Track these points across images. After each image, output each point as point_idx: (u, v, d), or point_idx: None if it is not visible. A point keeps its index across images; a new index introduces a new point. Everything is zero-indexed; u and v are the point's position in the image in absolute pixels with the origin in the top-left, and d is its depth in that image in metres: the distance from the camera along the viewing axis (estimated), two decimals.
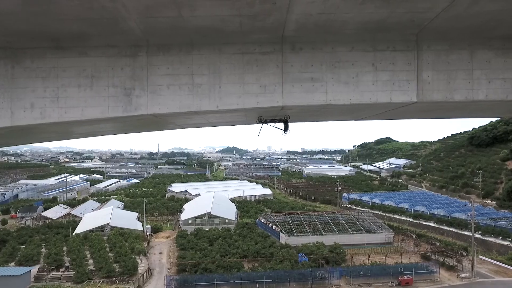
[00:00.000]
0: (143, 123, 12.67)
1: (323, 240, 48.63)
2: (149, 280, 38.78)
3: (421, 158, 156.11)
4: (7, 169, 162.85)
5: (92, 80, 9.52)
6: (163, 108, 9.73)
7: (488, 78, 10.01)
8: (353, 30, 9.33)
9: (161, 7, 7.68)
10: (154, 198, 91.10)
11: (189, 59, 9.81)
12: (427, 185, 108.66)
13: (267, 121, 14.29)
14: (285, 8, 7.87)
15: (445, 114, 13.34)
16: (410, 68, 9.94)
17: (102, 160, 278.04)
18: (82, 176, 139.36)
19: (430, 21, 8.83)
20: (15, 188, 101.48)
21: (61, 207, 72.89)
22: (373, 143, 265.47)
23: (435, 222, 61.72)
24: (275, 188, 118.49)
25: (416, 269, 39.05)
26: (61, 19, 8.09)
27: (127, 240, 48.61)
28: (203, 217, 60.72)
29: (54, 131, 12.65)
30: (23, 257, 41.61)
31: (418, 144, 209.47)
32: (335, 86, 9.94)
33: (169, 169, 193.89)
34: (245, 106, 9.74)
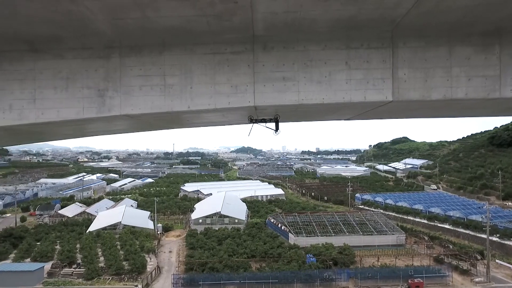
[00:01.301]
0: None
1: (333, 241, 48.07)
2: (158, 278, 39.34)
3: (439, 158, 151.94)
4: (29, 168, 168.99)
5: (67, 81, 9.75)
6: (135, 109, 9.84)
7: (468, 76, 9.59)
8: (325, 28, 9.13)
9: (124, 8, 7.78)
10: (167, 197, 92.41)
11: (161, 60, 9.87)
12: (444, 186, 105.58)
13: (258, 120, 14.23)
14: (248, 6, 7.80)
15: (429, 113, 12.87)
16: (385, 66, 9.65)
17: (119, 159, 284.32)
18: (99, 176, 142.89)
19: (402, 18, 8.52)
20: (35, 187, 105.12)
21: (77, 205, 74.92)
22: (389, 143, 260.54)
23: (450, 224, 59.89)
24: (288, 188, 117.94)
25: (427, 272, 38.03)
26: (30, 22, 8.23)
27: (137, 238, 49.49)
28: (213, 217, 61.08)
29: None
30: (38, 253, 43.03)
31: (436, 144, 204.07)
32: (307, 85, 9.77)
33: (183, 168, 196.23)
34: (216, 106, 9.73)
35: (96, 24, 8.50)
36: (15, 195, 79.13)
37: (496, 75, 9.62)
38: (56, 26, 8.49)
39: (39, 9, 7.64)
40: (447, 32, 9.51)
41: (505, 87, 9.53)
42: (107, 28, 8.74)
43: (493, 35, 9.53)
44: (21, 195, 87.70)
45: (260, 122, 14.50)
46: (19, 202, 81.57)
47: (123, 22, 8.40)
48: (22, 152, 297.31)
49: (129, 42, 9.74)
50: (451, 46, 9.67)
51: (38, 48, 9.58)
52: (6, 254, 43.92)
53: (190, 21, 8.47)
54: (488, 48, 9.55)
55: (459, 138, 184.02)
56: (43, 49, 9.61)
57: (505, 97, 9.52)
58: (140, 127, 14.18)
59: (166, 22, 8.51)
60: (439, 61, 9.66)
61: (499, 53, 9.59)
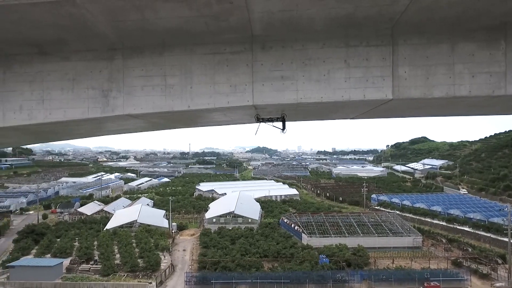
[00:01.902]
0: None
1: (346, 242, 47.49)
2: (171, 276, 39.94)
3: (460, 158, 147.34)
4: (51, 168, 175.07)
5: (73, 83, 10.09)
6: (137, 109, 10.08)
7: (471, 73, 9.26)
8: (323, 27, 9.03)
9: (124, 10, 7.98)
10: (182, 196, 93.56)
11: (161, 60, 10.05)
12: (465, 187, 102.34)
13: (265, 120, 14.25)
14: (243, 6, 7.84)
15: (434, 112, 12.47)
16: (385, 63, 9.45)
17: (136, 159, 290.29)
18: (117, 175, 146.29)
19: (401, 14, 8.32)
20: (57, 185, 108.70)
21: (95, 203, 76.99)
22: (407, 143, 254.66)
23: (470, 227, 58.05)
24: (302, 189, 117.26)
25: (444, 276, 37.02)
26: (37, 26, 8.61)
27: (152, 236, 50.39)
28: (227, 216, 61.46)
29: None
30: (58, 249, 44.50)
31: (457, 144, 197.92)
32: (305, 84, 9.70)
33: (199, 168, 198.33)
34: (216, 106, 9.82)
35: (98, 27, 8.77)
36: (38, 193, 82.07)
37: (502, 72, 9.27)
38: (61, 29, 8.83)
39: (43, 13, 7.97)
40: (449, 28, 9.24)
41: (511, 84, 9.14)
42: (109, 30, 9.00)
43: (498, 30, 9.18)
44: (43, 193, 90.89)
45: (267, 121, 14.51)
46: (42, 200, 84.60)
47: (123, 24, 8.64)
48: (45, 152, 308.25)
49: (131, 43, 9.98)
50: (453, 42, 9.37)
51: (46, 51, 9.98)
52: (29, 250, 45.65)
53: (189, 22, 8.61)
54: (493, 43, 9.21)
55: (481, 138, 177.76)
56: (51, 52, 10.00)
57: (511, 94, 9.18)
58: (146, 127, 14.48)
59: (165, 23, 8.68)
60: (441, 58, 9.39)
61: (504, 49, 9.22)
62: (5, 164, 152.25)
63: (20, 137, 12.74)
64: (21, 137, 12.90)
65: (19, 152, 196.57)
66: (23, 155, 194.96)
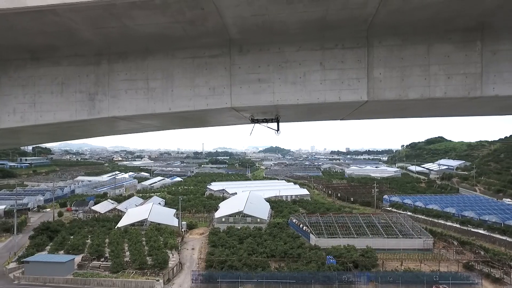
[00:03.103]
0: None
1: (355, 243, 47.10)
2: (179, 274, 40.58)
3: (478, 159, 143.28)
4: (69, 167, 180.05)
5: (62, 86, 10.55)
6: (121, 111, 10.45)
7: (447, 74, 9.12)
8: (298, 30, 9.10)
9: (103, 18, 8.31)
10: (193, 196, 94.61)
11: (144, 64, 10.37)
12: (482, 188, 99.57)
13: (259, 121, 14.43)
14: (215, 12, 8.03)
15: (417, 113, 12.27)
16: (360, 65, 9.46)
17: (151, 159, 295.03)
18: (131, 174, 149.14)
19: (373, 17, 8.31)
20: (73, 184, 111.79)
21: (109, 202, 78.79)
22: (423, 142, 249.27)
23: (485, 230, 56.48)
24: (314, 189, 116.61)
25: (454, 279, 36.24)
26: (27, 33, 9.09)
27: (162, 235, 51.24)
28: (236, 216, 61.85)
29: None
30: (71, 246, 45.87)
31: (475, 144, 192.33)
32: (282, 86, 9.79)
33: (211, 168, 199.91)
34: (195, 108, 10.06)
35: (83, 33, 9.17)
36: (54, 191, 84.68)
37: (478, 73, 9.12)
38: (50, 36, 9.29)
39: (30, 22, 8.41)
40: (425, 30, 9.16)
41: (487, 85, 9.00)
42: (94, 36, 9.39)
43: (475, 31, 9.03)
44: (60, 192, 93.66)
45: (261, 122, 14.69)
46: (58, 198, 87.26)
47: (106, 31, 9.00)
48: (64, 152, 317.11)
49: (117, 49, 10.36)
50: (429, 43, 9.28)
51: (39, 56, 10.49)
52: (43, 246, 47.25)
53: (167, 28, 8.89)
54: (469, 44, 9.06)
55: (501, 138, 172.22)
56: (43, 57, 10.50)
57: (487, 96, 8.99)
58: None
59: (144, 29, 8.97)
60: (417, 60, 9.31)
61: (480, 50, 9.07)
62: (25, 163, 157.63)
63: (18, 138, 13.39)
64: (19, 138, 13.54)
65: (39, 151, 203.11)
66: (42, 154, 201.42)
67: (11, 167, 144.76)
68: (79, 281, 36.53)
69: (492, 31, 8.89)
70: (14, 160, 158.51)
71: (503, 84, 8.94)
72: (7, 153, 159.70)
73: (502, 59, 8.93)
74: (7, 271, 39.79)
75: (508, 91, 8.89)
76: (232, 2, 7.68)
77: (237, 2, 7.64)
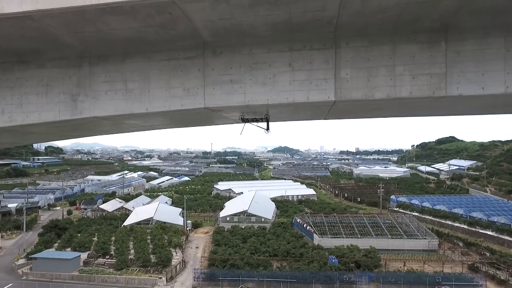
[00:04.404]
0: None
1: (358, 243, 46.91)
2: (182, 272, 41.10)
3: (490, 159, 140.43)
4: (79, 166, 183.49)
5: (47, 88, 11.01)
6: (101, 112, 10.85)
7: (412, 74, 9.18)
8: (268, 32, 9.30)
9: (79, 23, 8.68)
10: (200, 195, 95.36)
11: (123, 67, 10.75)
12: (492, 189, 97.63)
13: (249, 120, 14.66)
14: (183, 16, 8.29)
15: (384, 114, 12.28)
16: (328, 66, 9.59)
17: (160, 158, 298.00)
18: (140, 173, 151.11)
19: (337, 19, 8.45)
20: (83, 183, 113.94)
21: (117, 201, 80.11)
22: (434, 142, 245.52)
23: (494, 231, 55.49)
24: (321, 189, 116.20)
25: (457, 280, 35.79)
26: (11, 38, 9.58)
27: (167, 233, 51.93)
28: (241, 215, 62.17)
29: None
30: (77, 243, 46.90)
31: (487, 144, 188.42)
32: (253, 87, 10.02)
33: (219, 167, 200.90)
34: (171, 108, 10.38)
35: (63, 37, 9.59)
36: (63, 190, 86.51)
37: (442, 73, 9.17)
38: (33, 41, 9.77)
39: (11, 27, 8.86)
40: (391, 31, 9.23)
41: (451, 85, 9.02)
42: (73, 40, 9.80)
43: (439, 32, 9.07)
44: (69, 191, 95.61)
45: (251, 122, 14.92)
46: (68, 197, 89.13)
47: (84, 35, 9.40)
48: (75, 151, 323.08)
49: (97, 52, 10.77)
50: (395, 44, 9.36)
51: (25, 59, 10.99)
52: (51, 243, 48.42)
53: (140, 32, 9.23)
54: (434, 45, 9.10)
55: None
56: (29, 60, 10.99)
57: (451, 95, 9.01)
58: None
59: (120, 33, 9.33)
60: (383, 60, 9.41)
61: (445, 50, 9.11)
62: (37, 163, 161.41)
63: (11, 137, 13.97)
64: (12, 137, 14.12)
65: (51, 151, 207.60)
66: (54, 154, 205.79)
67: (24, 166, 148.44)
68: (84, 278, 37.40)
69: (456, 31, 8.95)
70: (27, 160, 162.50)
71: (466, 84, 8.98)
72: (20, 152, 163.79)
73: (466, 59, 8.97)
74: (16, 267, 40.99)
75: (471, 90, 8.93)
76: (197, 7, 7.96)
77: (201, 6, 7.91)
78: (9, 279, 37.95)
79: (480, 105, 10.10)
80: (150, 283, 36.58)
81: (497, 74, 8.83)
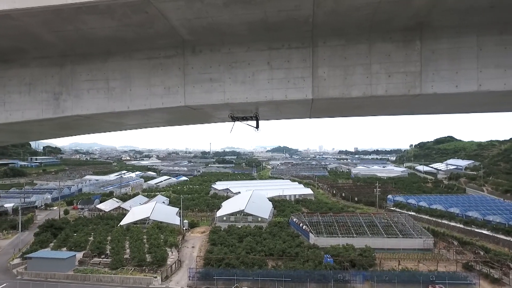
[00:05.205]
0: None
1: (354, 242, 47.00)
2: (177, 272, 41.14)
3: (487, 159, 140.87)
4: (77, 166, 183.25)
5: (29, 87, 11.10)
6: (84, 110, 10.93)
7: (388, 72, 9.29)
8: (246, 31, 9.38)
9: (57, 22, 8.76)
10: (198, 195, 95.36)
11: (105, 66, 10.85)
12: (489, 189, 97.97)
13: (239, 118, 14.73)
14: (160, 15, 8.38)
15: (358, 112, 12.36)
16: (306, 65, 9.69)
17: (159, 158, 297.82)
18: (138, 173, 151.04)
19: (313, 18, 8.53)
20: (81, 183, 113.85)
21: (114, 200, 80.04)
22: (432, 142, 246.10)
23: (489, 230, 55.71)
24: (319, 188, 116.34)
25: (451, 279, 35.94)
26: None
27: (163, 233, 51.95)
28: (237, 215, 62.19)
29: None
30: (73, 243, 46.90)
31: (485, 144, 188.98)
32: (232, 85, 10.12)
33: (218, 167, 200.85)
34: (152, 106, 10.47)
35: (44, 36, 9.66)
36: (61, 190, 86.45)
37: (417, 71, 9.27)
38: (14, 39, 9.83)
39: None
40: (367, 30, 9.32)
41: (426, 83, 9.13)
42: (55, 39, 9.88)
43: (414, 31, 9.16)
44: (67, 190, 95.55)
45: (241, 120, 15.00)
46: (65, 197, 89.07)
47: (64, 34, 9.48)
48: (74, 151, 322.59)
49: (79, 51, 10.84)
50: (371, 43, 9.46)
51: (8, 58, 11.06)
52: (47, 243, 48.41)
53: (119, 31, 9.31)
54: (409, 44, 9.20)
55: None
56: (12, 59, 11.07)
57: (426, 93, 9.10)
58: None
59: (100, 32, 9.41)
60: (359, 59, 9.51)
61: (420, 49, 9.21)
62: (35, 162, 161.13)
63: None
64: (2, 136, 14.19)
65: (49, 151, 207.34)
66: (52, 154, 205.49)
67: (22, 166, 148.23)
68: (79, 277, 37.43)
69: (430, 30, 9.05)
70: (25, 160, 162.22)
71: (440, 82, 9.08)
72: (18, 152, 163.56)
73: (440, 57, 9.08)
74: (11, 266, 40.99)
75: (446, 88, 9.03)
76: (173, 6, 8.04)
77: (177, 5, 7.99)
78: (4, 279, 37.95)
79: (455, 104, 10.21)
80: (145, 283, 36.64)
81: (470, 72, 8.95)
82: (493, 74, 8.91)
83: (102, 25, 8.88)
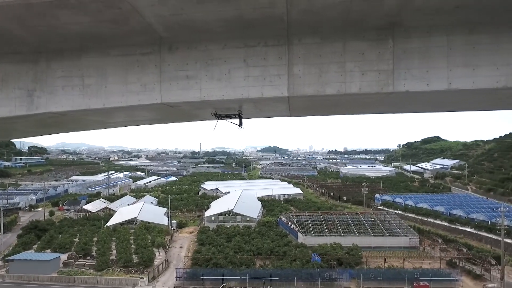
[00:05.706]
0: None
1: (341, 241, 47.41)
2: (164, 272, 40.84)
3: (472, 158, 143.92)
4: (64, 166, 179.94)
5: (2, 83, 10.90)
6: (58, 107, 10.80)
7: (361, 70, 9.48)
8: (222, 28, 9.40)
9: (29, 17, 8.61)
10: (187, 195, 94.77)
11: (80, 62, 10.71)
12: (473, 187, 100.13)
13: (222, 116, 14.70)
14: (134, 11, 8.34)
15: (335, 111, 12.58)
16: (281, 62, 9.78)
17: (148, 158, 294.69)
18: (126, 174, 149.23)
19: (287, 16, 8.63)
20: (67, 184, 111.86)
21: (101, 201, 78.93)
22: (419, 142, 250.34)
23: (473, 228, 56.94)
24: (308, 188, 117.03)
25: (435, 276, 36.68)
26: None
27: (151, 233, 51.48)
28: (226, 214, 62.07)
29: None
30: (58, 245, 46.07)
31: (470, 144, 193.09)
32: (208, 83, 10.13)
33: (207, 167, 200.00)
34: (128, 104, 10.42)
35: (16, 31, 9.49)
36: (46, 191, 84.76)
37: (390, 70, 9.46)
38: None
39: None
40: (341, 28, 9.45)
41: (398, 81, 9.35)
42: (28, 34, 9.72)
43: (387, 30, 9.35)
44: (53, 191, 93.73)
45: (224, 118, 14.97)
46: (51, 198, 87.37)
47: (37, 29, 9.33)
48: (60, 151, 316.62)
49: (54, 47, 10.66)
50: (345, 41, 9.61)
51: None
52: (31, 244, 47.43)
53: (93, 27, 9.23)
54: (382, 42, 9.40)
55: (495, 138, 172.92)
56: None
57: (398, 91, 9.33)
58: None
59: (73, 28, 9.29)
60: (334, 57, 9.65)
61: (392, 47, 9.41)
62: (20, 163, 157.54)
63: None
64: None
65: (34, 151, 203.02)
66: (38, 154, 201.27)
67: (6, 167, 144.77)
68: (64, 279, 36.77)
69: (402, 30, 9.25)
70: (9, 160, 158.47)
71: (412, 80, 9.30)
72: (2, 152, 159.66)
73: (412, 56, 9.29)
74: None
75: (417, 87, 9.25)
76: (146, 2, 8.01)
77: (151, 1, 7.97)
78: None
79: (428, 102, 10.44)
80: (131, 283, 36.24)
81: (440, 71, 9.17)
82: (462, 73, 9.15)
83: (75, 20, 8.76)
